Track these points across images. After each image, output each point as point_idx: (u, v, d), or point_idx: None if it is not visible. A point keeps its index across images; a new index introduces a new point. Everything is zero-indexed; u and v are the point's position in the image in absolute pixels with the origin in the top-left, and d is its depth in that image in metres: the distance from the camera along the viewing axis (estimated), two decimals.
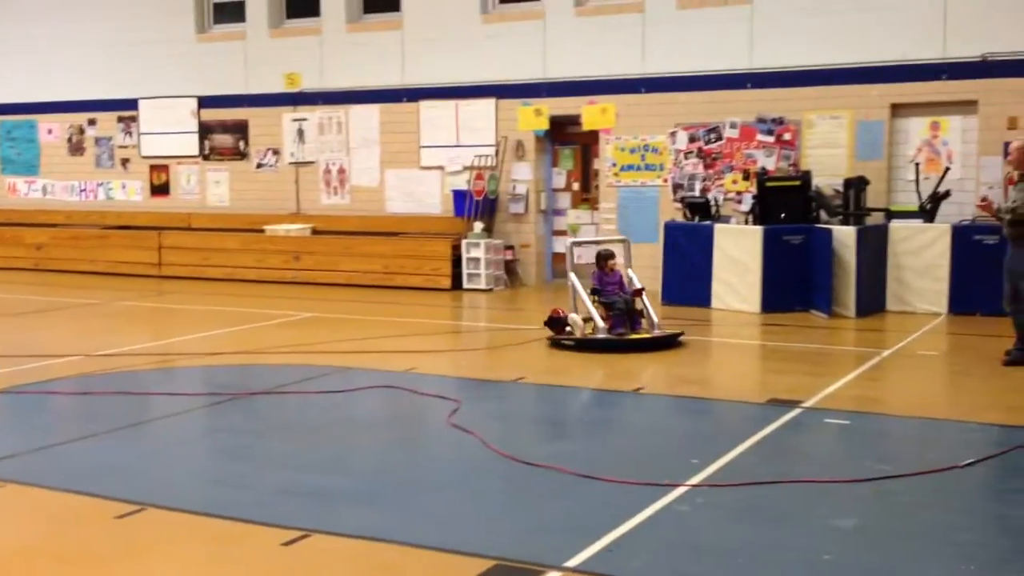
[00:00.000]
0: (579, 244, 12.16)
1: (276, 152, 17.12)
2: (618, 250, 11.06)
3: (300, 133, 16.86)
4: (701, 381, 9.03)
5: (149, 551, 5.10)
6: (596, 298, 10.41)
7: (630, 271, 10.79)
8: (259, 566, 4.89)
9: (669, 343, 10.15)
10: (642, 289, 10.48)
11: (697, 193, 14.08)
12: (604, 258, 10.66)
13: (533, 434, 7.55)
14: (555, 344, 10.26)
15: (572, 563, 4.75)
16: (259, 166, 17.25)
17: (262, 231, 16.54)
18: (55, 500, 5.84)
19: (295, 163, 16.96)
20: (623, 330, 10.14)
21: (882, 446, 6.90)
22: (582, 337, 10.10)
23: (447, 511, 5.61)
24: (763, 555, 4.84)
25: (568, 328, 10.30)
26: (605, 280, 10.53)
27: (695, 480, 5.89)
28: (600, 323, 10.14)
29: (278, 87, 16.92)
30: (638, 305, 10.40)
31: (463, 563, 4.81)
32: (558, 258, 15.70)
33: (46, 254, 17.65)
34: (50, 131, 18.75)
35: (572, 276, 10.77)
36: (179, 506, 5.65)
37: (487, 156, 15.48)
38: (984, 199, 9.39)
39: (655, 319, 10.35)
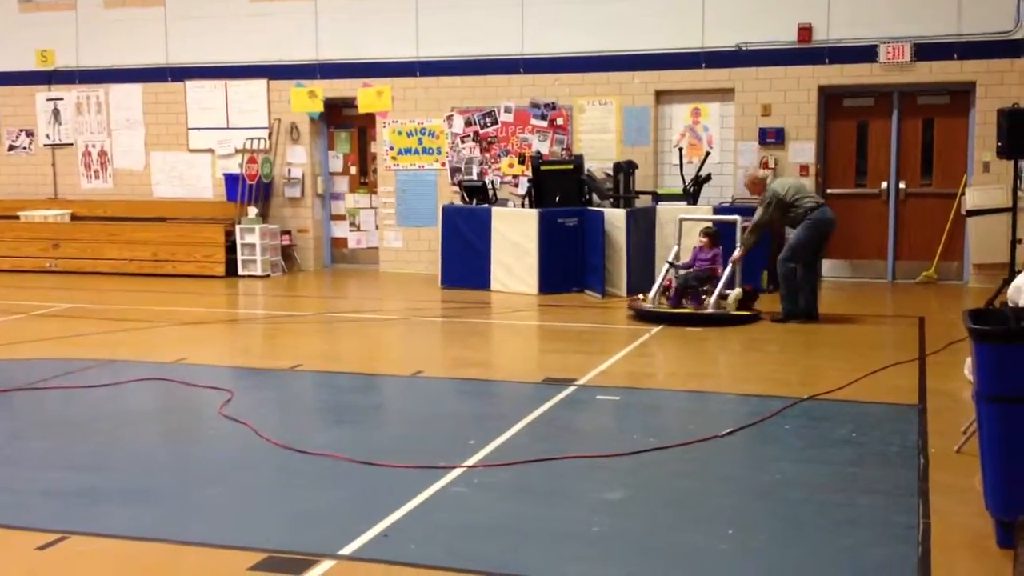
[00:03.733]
0: (686, 220, 11.56)
1: (30, 134, 16.05)
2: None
3: (56, 113, 15.87)
4: (480, 363, 9.13)
5: None
6: (675, 272, 10.77)
7: (736, 251, 10.59)
8: (10, 572, 4.57)
9: (717, 320, 10.23)
10: (715, 268, 10.61)
11: (474, 177, 14.23)
12: (703, 234, 10.84)
13: (309, 422, 7.42)
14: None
15: (347, 551, 4.70)
16: (11, 148, 16.11)
17: (17, 217, 15.48)
18: None
19: (51, 145, 15.95)
20: (673, 303, 10.55)
21: (650, 420, 7.20)
22: (639, 307, 10.65)
23: (218, 505, 5.43)
24: (536, 530, 4.95)
25: (641, 297, 10.87)
26: (698, 256, 10.77)
27: (471, 461, 5.95)
28: (651, 294, 10.68)
29: (30, 64, 15.84)
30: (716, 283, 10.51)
31: (233, 557, 4.67)
32: (337, 243, 15.52)
33: None
34: None
35: (674, 249, 11.00)
36: None
37: (260, 139, 15.07)
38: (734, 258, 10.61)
39: (714, 298, 10.35)
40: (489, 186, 13.67)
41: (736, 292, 10.45)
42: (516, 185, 14.19)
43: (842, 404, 7.24)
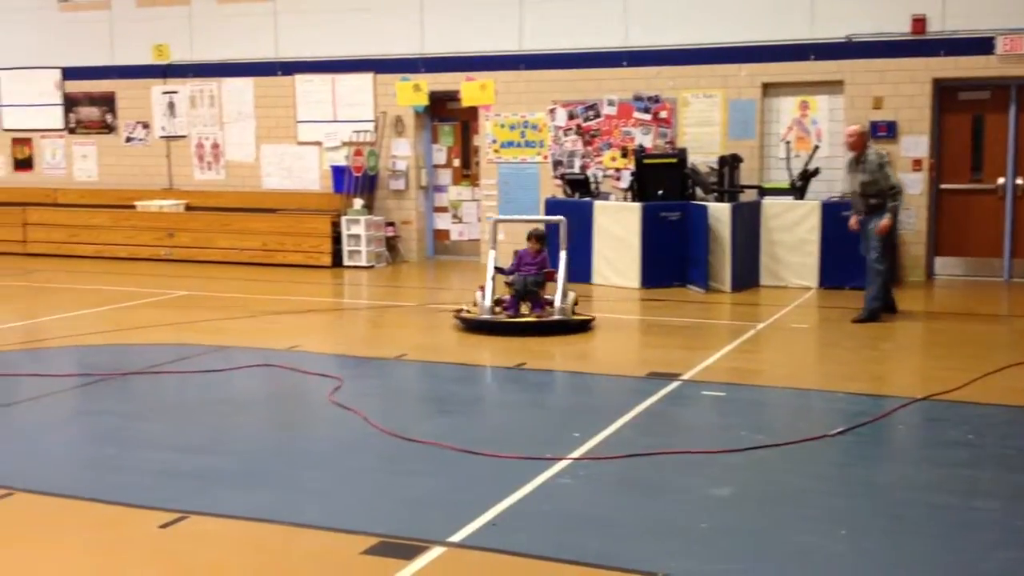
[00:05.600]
0: (502, 221, 11.45)
1: (146, 126, 16.58)
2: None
3: (171, 106, 16.36)
4: (583, 356, 9.14)
5: (21, 537, 4.91)
6: (505, 278, 10.07)
7: (563, 253, 10.05)
8: (137, 550, 4.76)
9: (559, 328, 9.63)
10: (552, 272, 10.01)
11: (577, 170, 14.22)
12: (529, 237, 10.36)
13: (415, 411, 7.53)
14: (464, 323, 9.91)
15: (456, 538, 4.76)
16: (128, 140, 16.67)
17: (133, 207, 16.02)
18: None
19: (166, 137, 16.46)
20: (512, 312, 9.85)
21: (756, 416, 7.11)
22: (467, 317, 9.91)
23: (329, 489, 5.56)
24: (643, 525, 4.94)
25: (464, 308, 10.06)
26: (524, 260, 10.19)
27: (576, 454, 5.97)
28: (485, 303, 9.78)
29: (146, 59, 16.36)
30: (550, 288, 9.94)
31: (347, 541, 4.78)
32: (440, 235, 15.68)
33: None
34: None
35: (491, 253, 10.25)
36: (50, 490, 5.46)
37: (366, 132, 15.30)
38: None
39: (559, 303, 9.73)
40: (591, 179, 13.65)
41: (573, 296, 9.98)
42: (618, 179, 14.14)
43: (958, 405, 7.04)
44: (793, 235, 12.36)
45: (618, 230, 12.58)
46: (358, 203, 14.90)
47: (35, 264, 15.23)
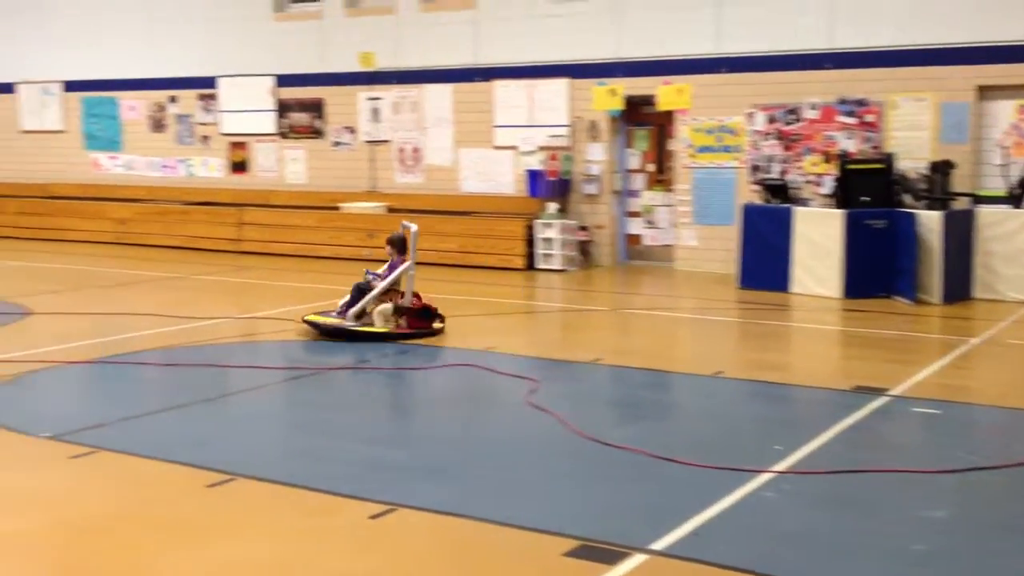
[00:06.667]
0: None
1: (351, 130, 17.24)
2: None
3: (375, 112, 16.95)
4: (782, 367, 8.91)
5: (241, 521, 5.20)
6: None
7: (407, 263, 10.09)
8: (348, 539, 4.95)
9: (345, 334, 9.62)
10: (375, 278, 10.10)
11: (776, 175, 13.88)
12: (386, 242, 10.39)
13: (610, 415, 7.52)
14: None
15: (658, 546, 4.73)
16: (336, 144, 17.39)
17: (337, 208, 16.68)
18: (147, 468, 5.97)
19: (370, 142, 17.07)
20: (340, 315, 9.91)
21: (971, 436, 6.76)
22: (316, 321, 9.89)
23: (528, 489, 5.62)
24: (851, 544, 4.77)
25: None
26: (391, 264, 10.23)
27: (780, 467, 5.82)
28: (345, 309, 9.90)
29: (353, 66, 17.01)
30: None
31: (548, 541, 4.82)
32: (632, 239, 15.62)
33: (129, 228, 17.99)
34: (132, 108, 19.10)
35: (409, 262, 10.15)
36: (267, 477, 5.75)
37: (561, 136, 15.42)
38: None
39: (351, 310, 9.83)
40: (791, 185, 13.30)
41: (384, 307, 9.75)
42: (819, 184, 13.71)
43: None
44: (1010, 246, 11.67)
45: (819, 237, 12.20)
46: (552, 207, 15.02)
47: (247, 261, 16.08)
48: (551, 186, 15.20)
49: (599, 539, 4.81)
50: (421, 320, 9.92)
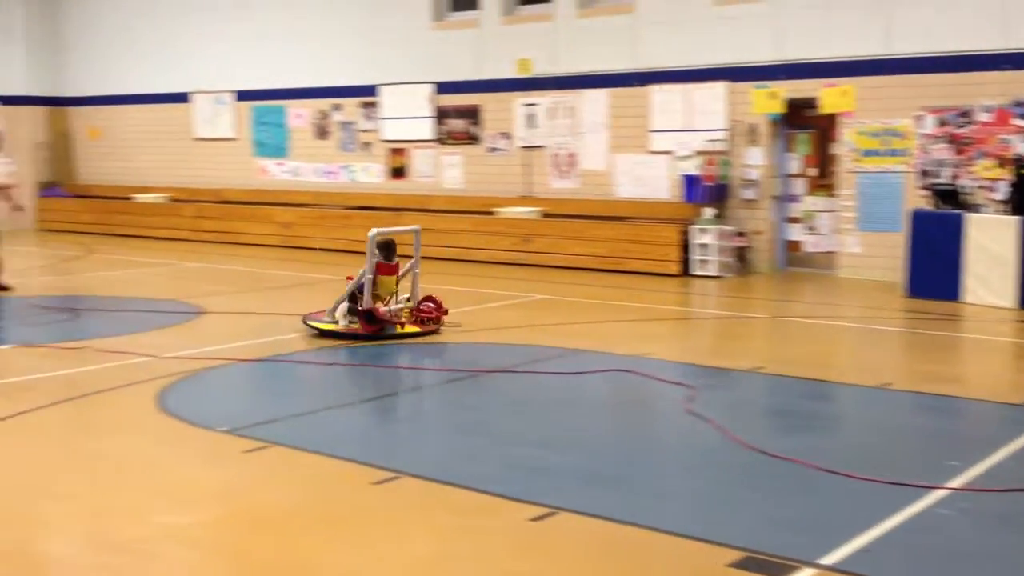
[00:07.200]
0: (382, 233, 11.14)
1: (507, 136, 17.42)
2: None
3: (531, 118, 17.08)
4: (954, 379, 8.54)
5: (406, 518, 5.32)
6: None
7: (408, 265, 10.69)
8: (510, 540, 5.00)
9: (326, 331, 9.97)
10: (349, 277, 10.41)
11: (947, 180, 13.32)
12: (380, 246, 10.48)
13: (771, 425, 7.37)
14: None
15: (827, 561, 4.60)
16: (491, 150, 17.60)
17: (492, 213, 16.88)
18: (317, 463, 6.18)
19: (525, 147, 17.21)
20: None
21: None
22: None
23: (690, 498, 5.56)
24: None
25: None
26: (383, 269, 10.46)
27: (955, 483, 5.58)
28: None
29: (510, 73, 17.19)
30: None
31: (711, 552, 4.76)
32: (791, 246, 15.26)
33: (293, 232, 18.68)
34: (299, 116, 19.81)
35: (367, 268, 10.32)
36: (431, 476, 5.85)
37: (718, 140, 15.19)
38: None
39: (330, 309, 10.27)
40: (962, 191, 12.73)
41: (342, 308, 10.11)
42: (993, 190, 13.08)
43: None
44: None
45: (993, 246, 11.65)
46: (709, 212, 14.82)
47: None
48: (708, 191, 14.99)
49: (765, 551, 4.71)
50: (370, 323, 10.02)
